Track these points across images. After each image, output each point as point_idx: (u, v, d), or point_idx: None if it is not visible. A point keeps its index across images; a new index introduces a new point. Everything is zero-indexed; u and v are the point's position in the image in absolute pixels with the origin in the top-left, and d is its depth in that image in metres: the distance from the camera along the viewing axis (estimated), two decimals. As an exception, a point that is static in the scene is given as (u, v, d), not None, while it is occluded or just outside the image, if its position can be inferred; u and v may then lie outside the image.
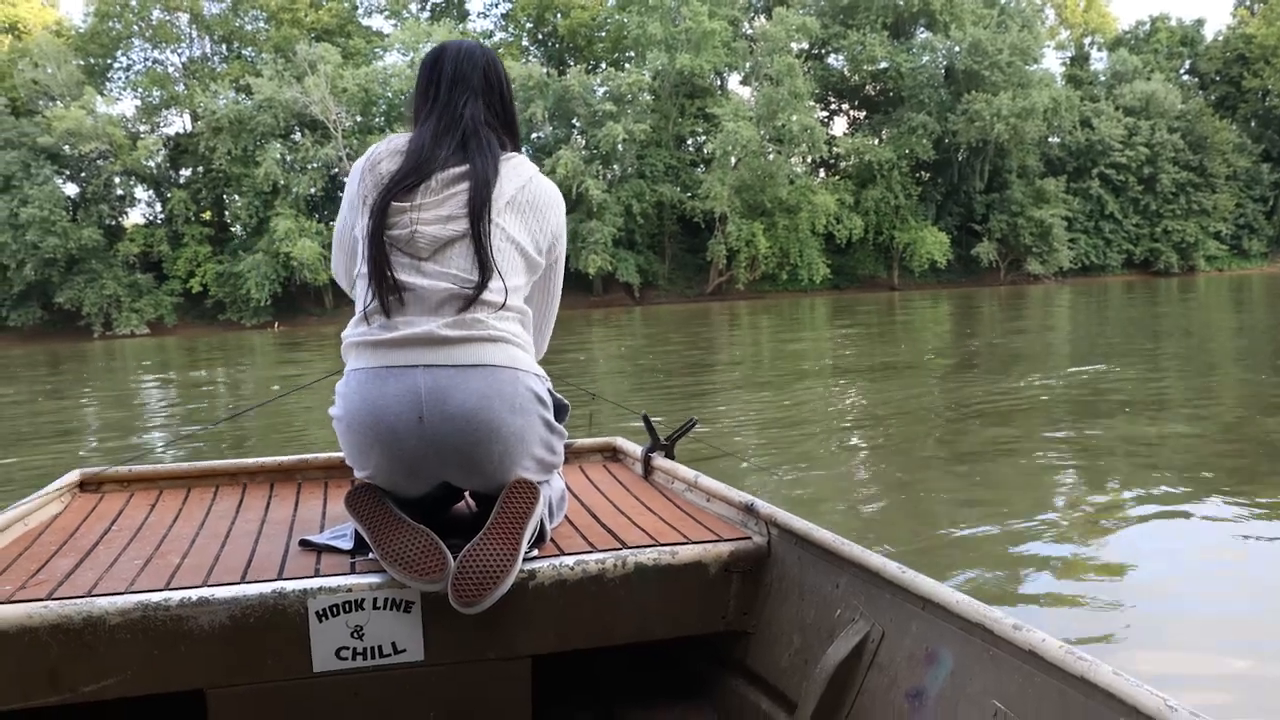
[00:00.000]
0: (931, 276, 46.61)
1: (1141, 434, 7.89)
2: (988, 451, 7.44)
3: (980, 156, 47.78)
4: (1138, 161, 51.39)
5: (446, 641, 1.88)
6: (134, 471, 2.79)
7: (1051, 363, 13.48)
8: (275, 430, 9.96)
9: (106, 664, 1.73)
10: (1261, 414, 8.61)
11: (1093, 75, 57.04)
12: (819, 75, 48.18)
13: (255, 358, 23.32)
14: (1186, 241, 52.43)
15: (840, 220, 44.19)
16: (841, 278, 45.88)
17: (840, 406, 10.10)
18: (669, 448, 2.77)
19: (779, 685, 1.94)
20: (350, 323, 2.01)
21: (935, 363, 14.30)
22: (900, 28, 48.88)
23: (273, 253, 38.71)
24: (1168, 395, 9.98)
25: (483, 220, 1.98)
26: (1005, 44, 45.85)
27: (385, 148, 2.05)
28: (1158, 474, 6.48)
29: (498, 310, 1.99)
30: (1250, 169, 54.86)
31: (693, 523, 2.23)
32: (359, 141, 40.74)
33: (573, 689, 2.32)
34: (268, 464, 2.86)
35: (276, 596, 1.79)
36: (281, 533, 2.24)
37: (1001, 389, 10.61)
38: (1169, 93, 52.42)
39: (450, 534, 1.96)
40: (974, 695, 1.46)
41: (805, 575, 1.96)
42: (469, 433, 1.92)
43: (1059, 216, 48.38)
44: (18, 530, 2.27)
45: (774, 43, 43.25)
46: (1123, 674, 1.24)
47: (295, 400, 10.75)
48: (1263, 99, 56.32)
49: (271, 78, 39.65)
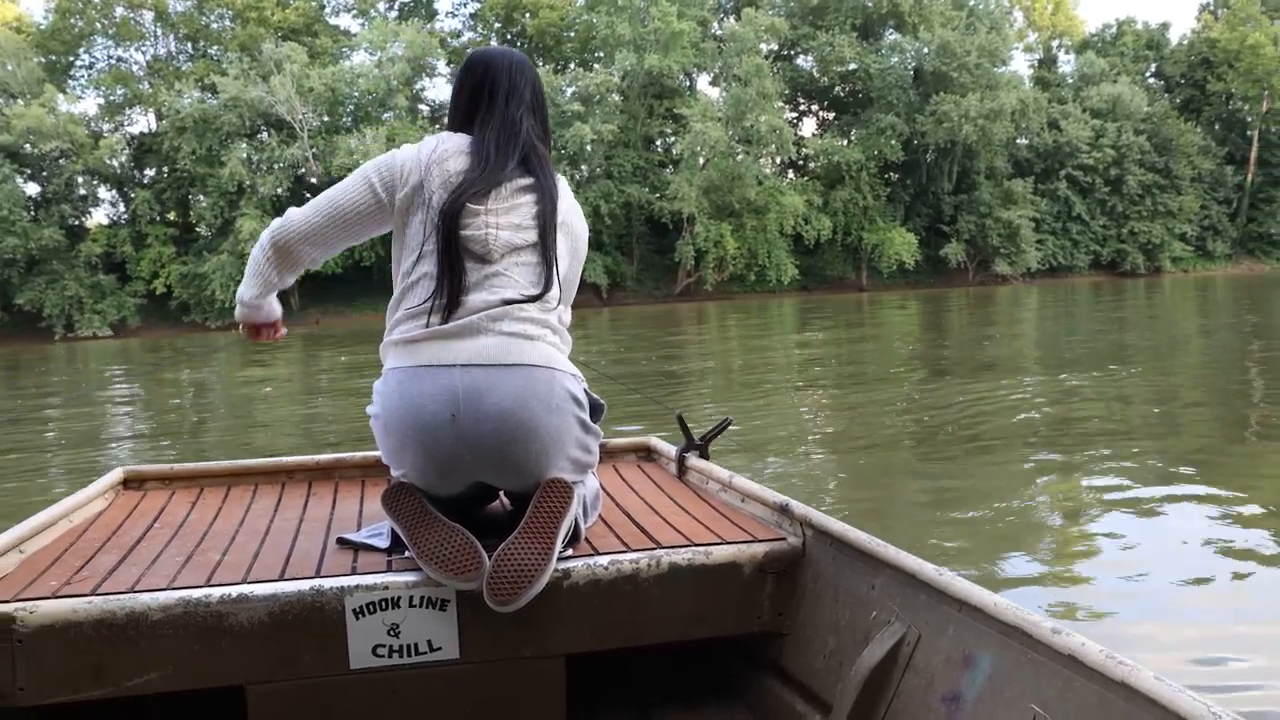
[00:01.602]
0: (900, 277, 46.76)
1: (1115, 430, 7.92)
2: (958, 455, 7.40)
3: (948, 158, 48.02)
4: (1104, 163, 51.78)
5: (482, 640, 1.89)
6: (175, 470, 2.85)
7: (1022, 365, 13.49)
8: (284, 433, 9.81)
9: (149, 659, 1.76)
10: (1227, 410, 8.70)
11: (1060, 77, 57.41)
12: (788, 76, 48.27)
13: (220, 359, 23.08)
14: (1152, 243, 52.86)
15: (808, 221, 44.23)
16: (810, 278, 45.96)
17: (809, 407, 10.05)
18: (703, 447, 2.78)
19: (814, 687, 1.94)
20: (391, 323, 2.04)
21: (905, 370, 14.29)
22: (869, 29, 49.02)
23: (238, 254, 38.23)
24: (1133, 393, 10.00)
25: (550, 234, 2.06)
26: (973, 46, 46.09)
27: (451, 144, 2.08)
28: (1129, 464, 6.54)
29: (541, 308, 2.04)
30: (1214, 171, 55.37)
31: (727, 523, 2.24)
32: (325, 142, 40.45)
33: (607, 689, 2.31)
34: (306, 463, 2.91)
35: (314, 594, 1.82)
36: (319, 531, 2.28)
37: (974, 392, 10.59)
38: (1135, 95, 52.84)
39: (485, 533, 1.97)
40: (1012, 699, 1.44)
41: (840, 576, 1.96)
42: (505, 432, 1.94)
43: (1027, 217, 48.65)
44: (63, 527, 2.32)
45: (743, 43, 43.28)
46: (1164, 679, 1.22)
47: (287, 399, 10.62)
48: (1226, 102, 56.91)
49: (237, 77, 39.28)
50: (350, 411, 10.56)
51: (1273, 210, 55.94)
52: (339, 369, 18.18)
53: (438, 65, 44.90)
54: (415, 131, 40.90)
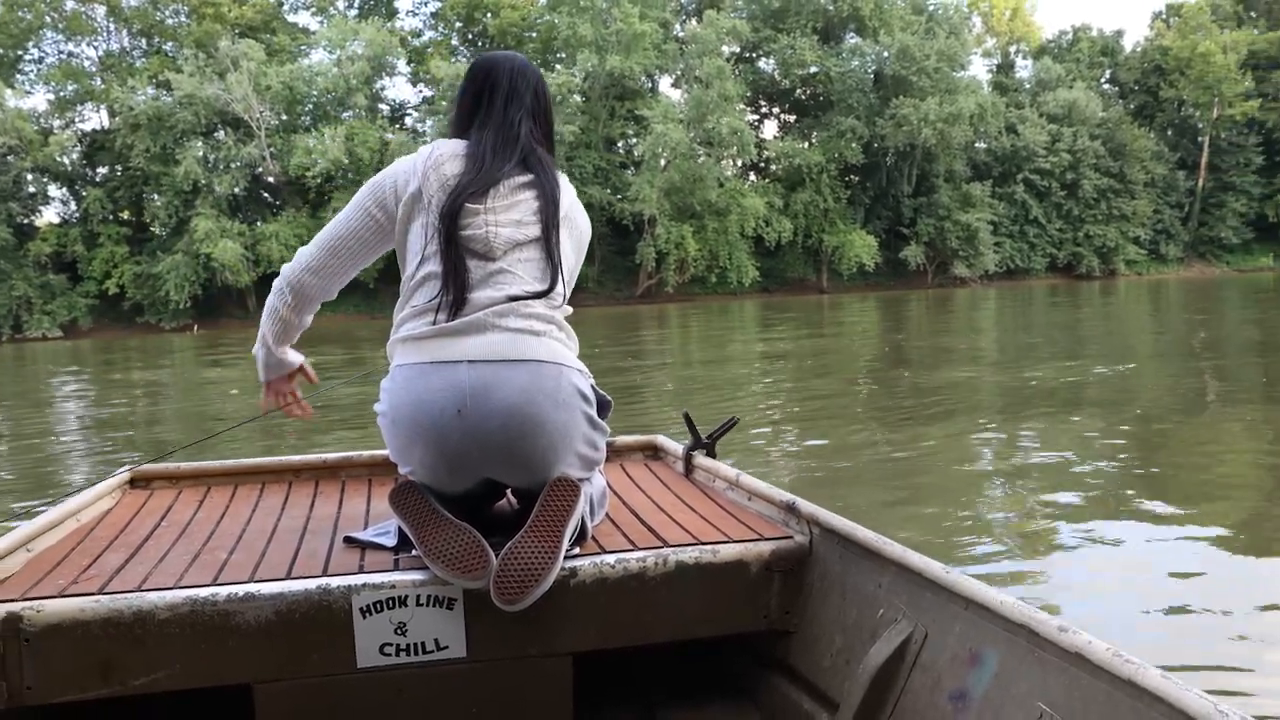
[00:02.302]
0: (860, 279, 47.03)
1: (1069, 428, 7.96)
2: (917, 455, 7.45)
3: (908, 161, 48.36)
4: (1061, 167, 52.41)
5: (489, 638, 1.89)
6: (182, 469, 2.85)
7: (983, 363, 13.56)
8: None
9: (156, 658, 1.76)
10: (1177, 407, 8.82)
11: (1018, 83, 58.05)
12: (749, 79, 48.35)
13: (174, 360, 22.66)
14: (1107, 246, 53.58)
15: (769, 223, 44.33)
16: (771, 280, 46.09)
17: (773, 407, 10.00)
18: (710, 446, 2.79)
19: (821, 685, 1.94)
20: (398, 321, 2.04)
21: (869, 367, 14.30)
22: (830, 32, 49.27)
23: (193, 254, 37.76)
24: (1089, 392, 10.06)
25: (553, 230, 2.06)
26: (933, 50, 46.47)
27: (446, 149, 2.09)
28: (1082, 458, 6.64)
29: (547, 304, 2.04)
30: (1167, 176, 56.24)
31: (734, 521, 2.24)
32: (283, 141, 39.95)
33: (614, 687, 2.31)
34: (313, 461, 2.91)
35: (321, 593, 1.82)
36: (326, 529, 2.28)
37: (933, 388, 10.62)
38: (1090, 101, 53.56)
39: (492, 531, 1.98)
40: (1019, 697, 1.45)
41: (847, 575, 1.96)
42: (512, 427, 1.94)
43: (985, 220, 49.13)
44: (70, 525, 2.32)
45: (704, 45, 43.32)
46: (1171, 677, 1.22)
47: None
48: (1178, 109, 57.84)
49: (192, 74, 38.64)
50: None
51: (1223, 215, 56.93)
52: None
53: (398, 64, 44.54)
54: (375, 131, 40.56)
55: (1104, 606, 4.17)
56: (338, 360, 18.62)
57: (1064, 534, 5.12)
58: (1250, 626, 3.86)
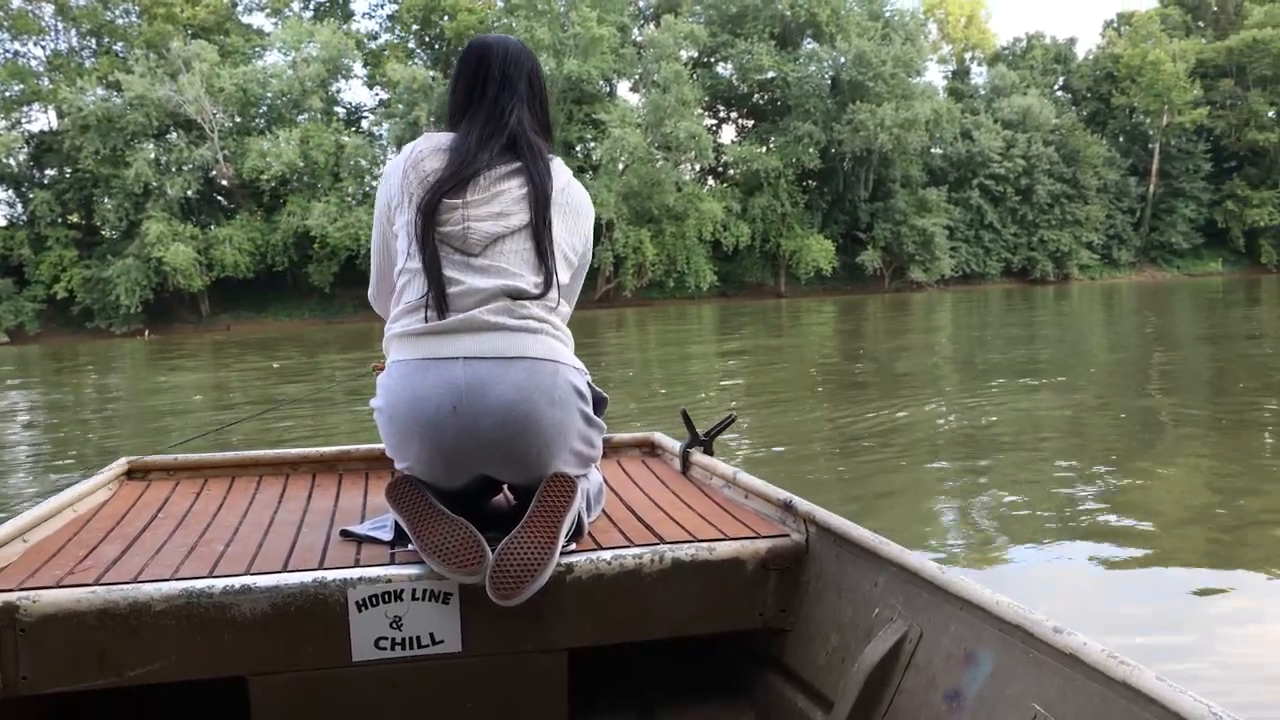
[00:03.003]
0: (817, 284, 47.25)
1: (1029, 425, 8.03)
2: (875, 457, 7.51)
3: (865, 166, 48.65)
4: (1015, 173, 52.97)
5: (484, 633, 1.90)
6: (179, 460, 2.85)
7: (937, 369, 13.63)
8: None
9: (152, 649, 1.77)
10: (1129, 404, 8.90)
11: (973, 89, 58.70)
12: (707, 83, 48.44)
13: (126, 366, 22.28)
14: (1061, 251, 54.20)
15: (727, 228, 44.44)
16: (729, 285, 46.19)
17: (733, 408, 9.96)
18: (707, 443, 2.79)
19: (816, 683, 1.95)
20: (392, 316, 2.05)
21: (823, 376, 14.32)
22: (787, 38, 49.48)
23: (144, 257, 37.19)
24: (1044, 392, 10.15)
25: (543, 217, 2.03)
26: (889, 56, 46.78)
27: (427, 145, 2.07)
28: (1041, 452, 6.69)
29: (542, 303, 2.02)
30: (1119, 182, 57.06)
31: (731, 519, 2.24)
32: (236, 143, 39.47)
33: (609, 683, 2.32)
34: (310, 454, 2.92)
35: (317, 586, 1.82)
36: (323, 523, 2.28)
37: (890, 403, 10.65)
38: (1044, 107, 54.21)
39: (489, 526, 1.98)
40: (1013, 697, 1.45)
41: (843, 573, 1.97)
42: (508, 425, 1.94)
43: (941, 225, 49.52)
44: (67, 516, 2.33)
45: (662, 50, 43.36)
46: (1166, 679, 1.22)
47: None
48: (1129, 116, 58.70)
49: (143, 75, 38.10)
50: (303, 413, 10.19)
51: (1173, 220, 57.84)
52: (276, 372, 17.64)
53: (354, 67, 44.19)
54: (330, 134, 40.19)
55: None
56: (295, 364, 18.41)
57: (1015, 541, 5.22)
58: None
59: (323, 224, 37.97)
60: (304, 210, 38.73)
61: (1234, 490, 6.06)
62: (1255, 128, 57.17)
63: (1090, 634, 1.37)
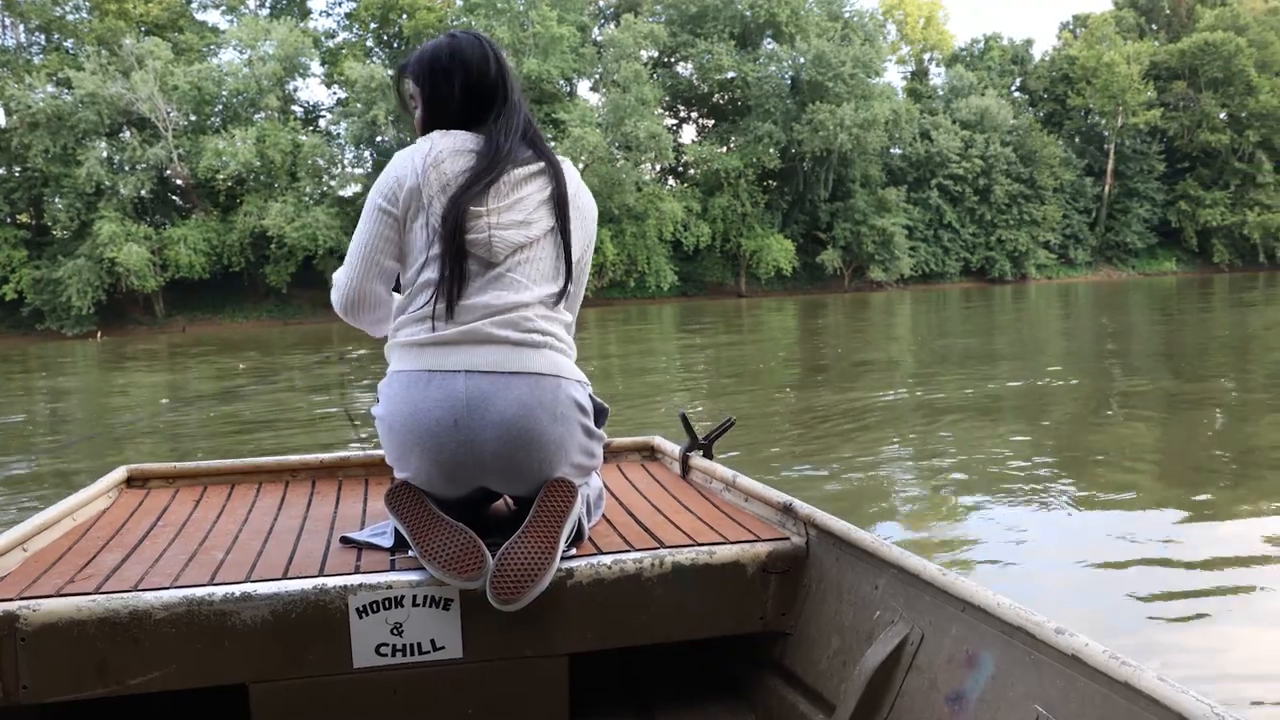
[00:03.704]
0: (778, 284, 47.39)
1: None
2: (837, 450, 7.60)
3: (825, 166, 48.86)
4: (973, 173, 53.43)
5: (485, 639, 1.89)
6: (179, 468, 2.85)
7: (900, 366, 13.69)
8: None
9: (152, 657, 1.76)
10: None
11: (932, 90, 59.11)
12: (667, 83, 48.46)
13: (80, 368, 21.90)
14: (1019, 250, 54.74)
15: (688, 228, 44.48)
16: (689, 285, 46.21)
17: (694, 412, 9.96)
18: (707, 447, 2.79)
19: (817, 687, 1.94)
20: (396, 324, 2.02)
21: (785, 370, 14.34)
22: (747, 38, 49.59)
23: (96, 258, 36.50)
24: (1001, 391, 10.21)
25: (565, 218, 2.03)
26: (848, 56, 47.00)
27: (446, 145, 2.00)
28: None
29: (549, 315, 2.01)
30: (1075, 182, 57.72)
31: (730, 523, 2.24)
32: (191, 142, 38.93)
33: (610, 688, 2.31)
34: (310, 461, 2.91)
35: (318, 593, 1.82)
36: (323, 530, 2.28)
37: (851, 397, 10.70)
38: (1001, 108, 54.73)
39: (489, 532, 1.99)
40: (1015, 699, 1.45)
41: (844, 576, 1.97)
42: (508, 440, 1.93)
43: (900, 225, 49.85)
44: (67, 525, 2.32)
45: (622, 49, 43.32)
46: (1167, 680, 1.22)
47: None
48: (1085, 117, 59.44)
49: (94, 72, 37.39)
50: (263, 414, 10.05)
51: (1128, 220, 58.61)
52: (242, 374, 17.39)
53: (311, 65, 43.69)
54: (287, 134, 39.75)
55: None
56: (251, 365, 18.17)
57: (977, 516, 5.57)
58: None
59: (280, 224, 37.52)
60: (260, 210, 38.25)
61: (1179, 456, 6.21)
62: (1207, 129, 58.06)
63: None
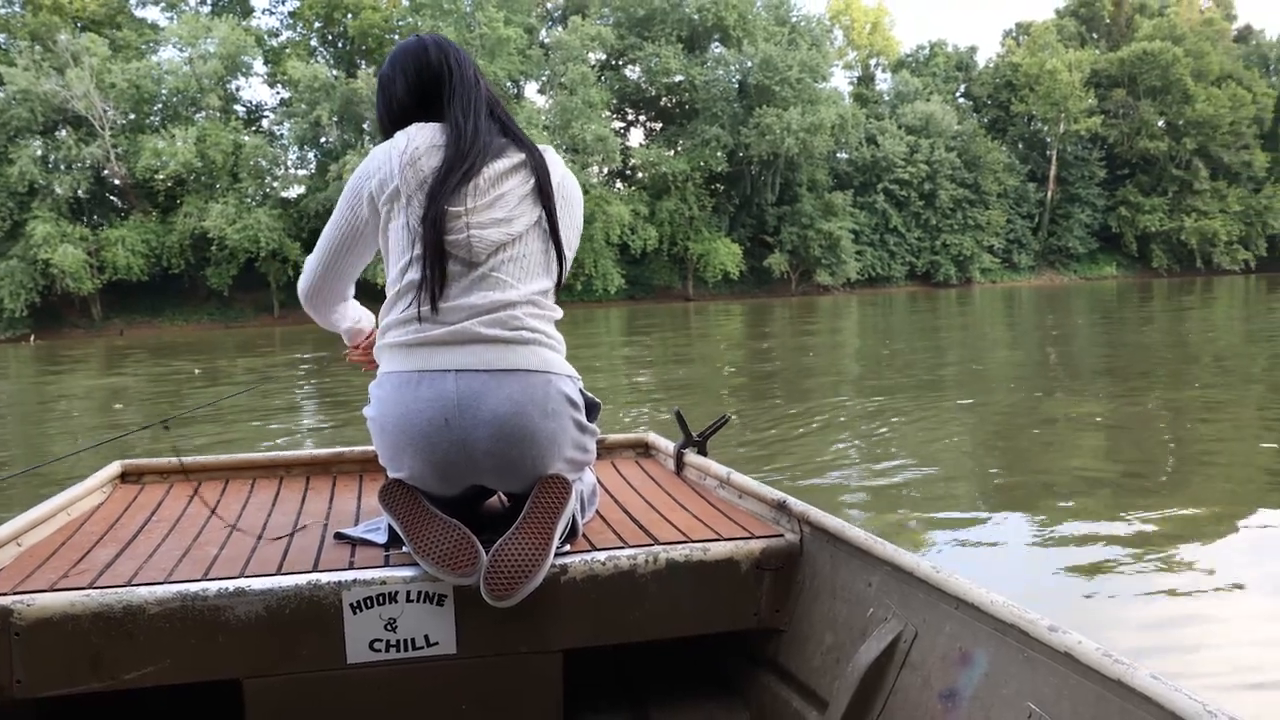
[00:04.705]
0: (725, 287, 47.53)
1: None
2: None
3: (772, 170, 49.10)
4: (919, 178, 53.98)
5: (479, 635, 1.90)
6: (173, 463, 2.84)
7: (842, 367, 13.72)
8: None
9: (146, 652, 1.76)
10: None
11: (878, 95, 59.68)
12: (615, 86, 48.41)
13: (11, 374, 21.34)
14: (963, 255, 55.38)
15: (635, 231, 44.44)
16: (637, 288, 46.18)
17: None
18: (701, 444, 2.78)
19: (810, 683, 1.95)
20: (384, 325, 2.01)
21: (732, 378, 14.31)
22: (695, 41, 49.70)
23: (29, 259, 35.68)
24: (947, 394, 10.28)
25: (552, 216, 2.01)
26: (795, 61, 47.27)
27: (423, 140, 1.97)
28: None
29: (538, 311, 2.01)
30: (1018, 188, 58.54)
31: (725, 519, 2.24)
32: (130, 141, 38.20)
33: (604, 684, 2.32)
34: (304, 457, 2.92)
35: (312, 588, 1.82)
36: (317, 525, 2.28)
37: (799, 405, 10.67)
38: (946, 114, 55.36)
39: (483, 528, 1.98)
40: (1008, 697, 1.45)
41: (838, 573, 1.97)
42: (501, 438, 1.93)
43: (846, 229, 50.23)
44: (61, 520, 2.33)
45: (569, 52, 43.22)
46: (1161, 678, 1.23)
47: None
48: (1028, 123, 60.32)
49: (28, 68, 36.58)
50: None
51: (1070, 225, 59.56)
52: (199, 377, 17.01)
53: (254, 64, 43.09)
54: (228, 133, 39.15)
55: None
56: (186, 369, 17.82)
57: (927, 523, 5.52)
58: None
59: (221, 225, 36.95)
60: (201, 211, 37.63)
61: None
62: (1146, 136, 59.18)
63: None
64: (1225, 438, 7.92)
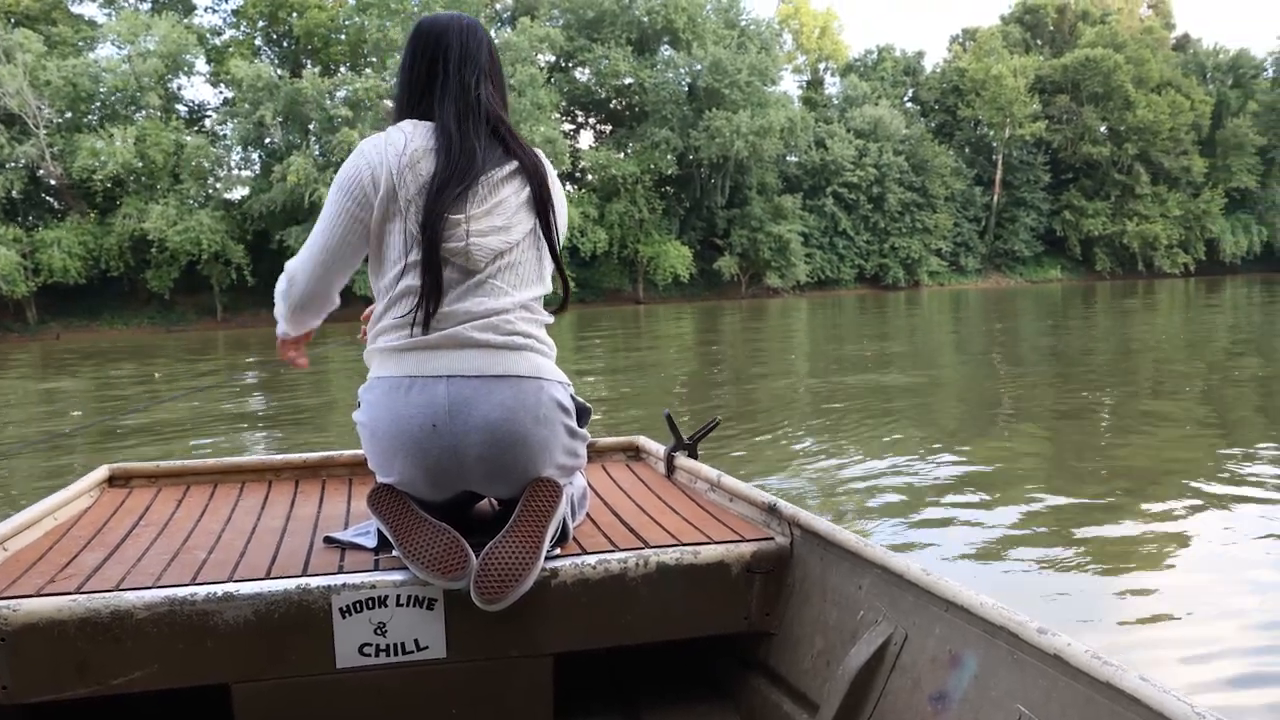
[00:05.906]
0: (675, 290, 47.48)
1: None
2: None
3: (721, 173, 49.11)
4: (867, 181, 54.34)
5: (469, 639, 1.88)
6: (161, 467, 2.83)
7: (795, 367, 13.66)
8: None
9: (134, 657, 1.74)
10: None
11: (827, 99, 60.05)
12: (564, 88, 48.16)
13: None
14: (912, 258, 55.85)
15: (584, 233, 44.23)
16: (586, 291, 45.95)
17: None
18: (692, 447, 2.78)
19: (801, 686, 1.95)
20: (375, 330, 1.99)
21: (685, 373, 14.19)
22: (645, 44, 49.59)
23: (-38, 260, 34.73)
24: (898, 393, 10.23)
25: (548, 223, 2.01)
26: (745, 64, 47.32)
27: (420, 142, 1.94)
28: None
29: (530, 317, 2.00)
30: (965, 191, 59.17)
31: (715, 522, 2.25)
32: (66, 140, 37.28)
33: (595, 687, 2.32)
34: (293, 460, 2.90)
35: (301, 593, 1.80)
36: (306, 529, 2.27)
37: (746, 396, 10.58)
38: (894, 118, 55.81)
39: (473, 532, 1.97)
40: (998, 699, 1.45)
41: (828, 576, 1.97)
42: (492, 444, 1.92)
43: (796, 232, 50.40)
44: (48, 524, 2.30)
45: (518, 53, 42.87)
46: (1149, 680, 1.23)
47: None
48: (975, 128, 60.99)
49: (-43, 65, 35.62)
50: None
51: (1016, 229, 60.33)
52: (158, 382, 16.51)
53: (196, 63, 42.27)
54: (169, 133, 38.34)
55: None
56: (127, 375, 17.32)
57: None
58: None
59: (161, 227, 36.17)
60: (141, 212, 36.79)
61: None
62: (1089, 142, 60.15)
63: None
64: (1170, 438, 7.95)
